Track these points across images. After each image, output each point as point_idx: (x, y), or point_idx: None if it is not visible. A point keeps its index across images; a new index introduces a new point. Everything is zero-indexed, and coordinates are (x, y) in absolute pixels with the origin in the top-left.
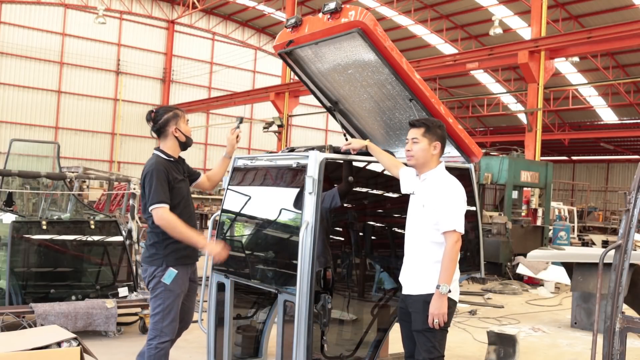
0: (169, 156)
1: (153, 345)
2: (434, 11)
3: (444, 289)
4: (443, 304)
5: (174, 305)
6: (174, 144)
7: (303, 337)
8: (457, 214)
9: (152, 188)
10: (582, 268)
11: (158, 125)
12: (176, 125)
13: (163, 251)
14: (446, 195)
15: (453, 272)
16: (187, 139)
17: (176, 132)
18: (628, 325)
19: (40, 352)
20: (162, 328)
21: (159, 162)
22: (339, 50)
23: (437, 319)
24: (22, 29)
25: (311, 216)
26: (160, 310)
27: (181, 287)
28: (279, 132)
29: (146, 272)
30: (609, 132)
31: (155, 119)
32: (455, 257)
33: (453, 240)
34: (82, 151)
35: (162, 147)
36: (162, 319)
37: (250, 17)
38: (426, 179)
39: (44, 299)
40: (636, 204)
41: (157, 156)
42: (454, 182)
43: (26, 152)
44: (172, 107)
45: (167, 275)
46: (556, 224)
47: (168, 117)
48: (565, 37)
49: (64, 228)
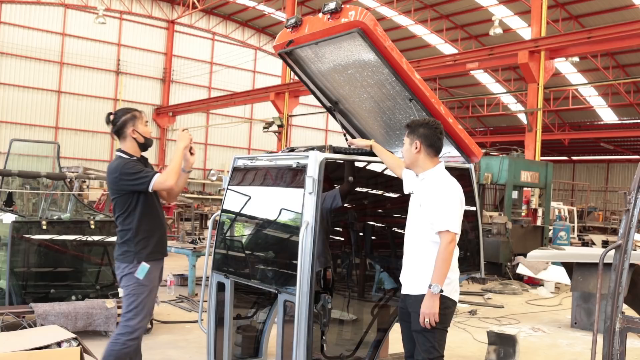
0: (132, 156)
1: (121, 341)
2: (434, 11)
3: (436, 288)
4: (434, 303)
5: (147, 301)
6: (133, 145)
7: (303, 337)
8: (451, 214)
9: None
10: (582, 268)
11: (116, 127)
12: (134, 126)
13: (134, 248)
14: (441, 195)
15: (446, 272)
16: (146, 140)
17: (134, 133)
18: (628, 325)
19: (40, 352)
20: (134, 325)
21: (124, 159)
22: (339, 50)
23: (428, 318)
24: (22, 29)
25: (311, 216)
26: (133, 307)
27: (153, 282)
28: (279, 132)
29: (118, 269)
30: (609, 132)
31: (113, 121)
32: (448, 257)
33: (447, 241)
34: (82, 151)
35: (123, 148)
36: (135, 316)
37: (250, 17)
38: (424, 179)
39: (44, 299)
40: (636, 204)
41: (121, 157)
42: (451, 182)
43: (26, 152)
44: (130, 109)
45: (139, 270)
46: (556, 224)
47: (125, 119)
48: (565, 37)
49: (64, 228)
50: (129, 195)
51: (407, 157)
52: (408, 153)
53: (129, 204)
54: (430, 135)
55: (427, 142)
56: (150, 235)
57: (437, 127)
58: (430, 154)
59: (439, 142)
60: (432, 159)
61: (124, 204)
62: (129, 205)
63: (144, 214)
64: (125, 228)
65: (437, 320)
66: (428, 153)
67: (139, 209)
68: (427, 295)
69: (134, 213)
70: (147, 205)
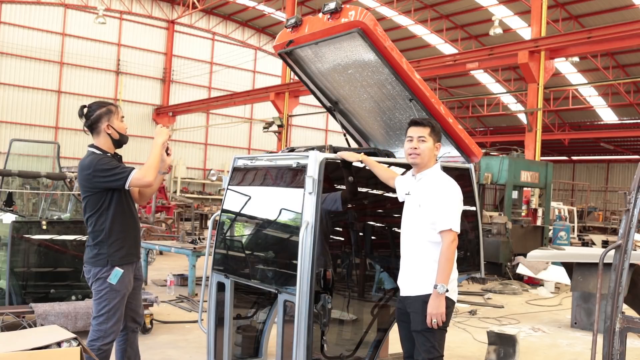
0: (105, 152)
1: (96, 347)
2: (434, 11)
3: (442, 288)
4: (441, 303)
5: (119, 305)
6: (107, 141)
7: (303, 337)
8: (453, 213)
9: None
10: (582, 268)
11: (90, 122)
12: (109, 121)
13: (107, 250)
14: (442, 194)
15: (450, 272)
16: (121, 136)
17: (108, 128)
18: (628, 325)
19: (40, 352)
20: (107, 329)
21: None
22: (339, 50)
23: (435, 318)
24: (22, 29)
25: (311, 216)
26: (105, 312)
27: (127, 287)
28: (279, 132)
29: (89, 272)
30: (609, 132)
31: (87, 114)
32: (451, 256)
33: (449, 240)
34: (82, 151)
35: (96, 143)
36: (107, 320)
37: (250, 17)
38: (422, 179)
39: (44, 299)
40: (636, 204)
41: (94, 153)
42: (451, 181)
43: (26, 152)
44: (106, 103)
45: (113, 275)
46: (556, 224)
47: (100, 112)
48: (565, 37)
49: (64, 228)
50: (102, 194)
51: (428, 156)
52: (430, 152)
53: (102, 203)
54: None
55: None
56: (124, 237)
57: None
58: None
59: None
60: (435, 159)
61: (96, 203)
62: (102, 205)
63: (118, 214)
64: (98, 229)
65: (443, 320)
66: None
67: (112, 208)
68: (433, 296)
69: (106, 213)
70: (121, 204)
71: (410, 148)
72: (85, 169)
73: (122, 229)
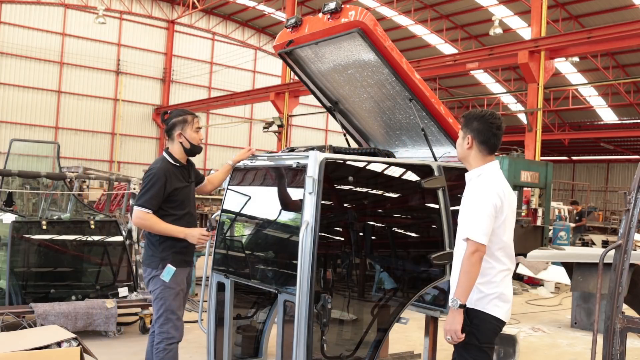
0: (176, 160)
1: (161, 348)
2: (434, 11)
3: (455, 303)
4: (455, 320)
5: (177, 304)
6: (179, 149)
7: (303, 337)
8: (478, 221)
9: (144, 190)
10: (582, 268)
11: (167, 127)
12: (181, 130)
13: (160, 254)
14: (471, 200)
15: (469, 285)
16: (192, 146)
17: (180, 137)
18: (628, 325)
19: (40, 352)
20: (169, 329)
21: (163, 167)
22: (339, 50)
23: (450, 335)
24: (22, 29)
25: (311, 216)
26: (163, 312)
27: (180, 285)
28: (279, 132)
29: (145, 272)
30: (609, 132)
31: (166, 120)
32: (470, 269)
33: (470, 250)
34: (82, 151)
35: (171, 149)
36: (167, 321)
37: (250, 17)
38: (471, 179)
39: (44, 299)
40: (636, 204)
41: (164, 159)
42: (487, 185)
43: (26, 152)
44: (185, 112)
45: (165, 272)
46: (556, 224)
47: (175, 121)
48: (565, 37)
49: (64, 228)
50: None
51: (460, 152)
52: (460, 147)
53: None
54: (485, 131)
55: (480, 137)
56: (176, 241)
57: (493, 121)
58: (482, 151)
59: (494, 139)
60: (485, 156)
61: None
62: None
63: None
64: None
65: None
66: (480, 150)
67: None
68: (449, 311)
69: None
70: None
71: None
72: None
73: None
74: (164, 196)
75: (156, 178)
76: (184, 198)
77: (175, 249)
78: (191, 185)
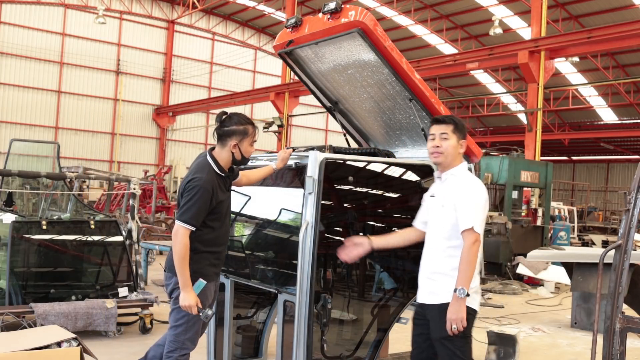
0: (221, 170)
1: (174, 358)
2: (434, 11)
3: (462, 292)
4: (461, 308)
5: (198, 317)
6: (228, 157)
7: (303, 337)
8: (477, 213)
9: (189, 203)
10: (582, 268)
11: (222, 132)
12: (239, 142)
13: (193, 264)
14: (467, 194)
15: (472, 275)
16: (243, 159)
17: (234, 148)
18: (628, 325)
19: (40, 352)
20: (184, 340)
21: (210, 180)
22: (339, 50)
23: (455, 324)
24: (22, 29)
25: (311, 216)
26: (183, 322)
27: (208, 299)
28: (279, 132)
29: (170, 279)
30: (609, 132)
31: (223, 122)
32: (472, 258)
33: (471, 241)
34: (82, 151)
35: (217, 154)
36: (185, 331)
37: (250, 17)
38: (447, 179)
39: (44, 299)
40: (636, 204)
41: (210, 169)
42: (477, 181)
43: (26, 152)
44: (247, 121)
45: (196, 285)
46: (556, 224)
47: (236, 129)
48: (565, 37)
49: (64, 228)
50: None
51: (452, 154)
52: (454, 150)
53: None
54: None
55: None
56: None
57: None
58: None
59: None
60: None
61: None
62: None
63: (205, 226)
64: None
65: (464, 326)
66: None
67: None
68: (453, 300)
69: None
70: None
71: (433, 147)
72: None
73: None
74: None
75: (203, 190)
76: (225, 210)
77: (209, 262)
78: (229, 193)
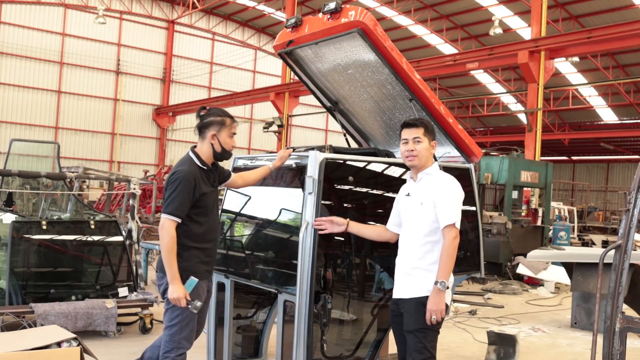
0: (203, 163)
1: (171, 358)
2: (434, 11)
3: (443, 285)
4: (441, 300)
5: (192, 315)
6: (209, 150)
7: (303, 337)
8: (456, 209)
9: (172, 195)
10: (582, 268)
11: (200, 124)
12: (217, 132)
13: (182, 262)
14: (446, 191)
15: (451, 268)
16: (223, 151)
17: (213, 139)
18: (628, 325)
19: (40, 352)
20: (180, 340)
21: (191, 171)
22: (339, 50)
23: (435, 315)
24: (22, 29)
25: (311, 216)
26: (178, 322)
27: (201, 297)
28: (279, 132)
29: (162, 279)
30: (609, 132)
31: (202, 116)
32: (453, 252)
33: (452, 236)
34: (82, 151)
35: (198, 149)
36: (180, 331)
37: (250, 17)
38: (422, 179)
39: (44, 299)
40: (636, 204)
41: (191, 161)
42: (452, 179)
43: (26, 152)
44: (225, 113)
45: (187, 284)
46: (556, 224)
47: (213, 120)
48: (565, 37)
49: (64, 228)
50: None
51: (426, 156)
52: (428, 152)
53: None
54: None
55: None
56: (201, 250)
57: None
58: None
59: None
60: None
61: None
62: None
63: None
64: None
65: (443, 316)
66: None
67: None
68: (434, 292)
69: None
70: (199, 212)
71: (407, 151)
72: (175, 171)
73: (197, 240)
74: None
75: (186, 182)
76: (210, 204)
77: (199, 259)
78: (216, 189)
